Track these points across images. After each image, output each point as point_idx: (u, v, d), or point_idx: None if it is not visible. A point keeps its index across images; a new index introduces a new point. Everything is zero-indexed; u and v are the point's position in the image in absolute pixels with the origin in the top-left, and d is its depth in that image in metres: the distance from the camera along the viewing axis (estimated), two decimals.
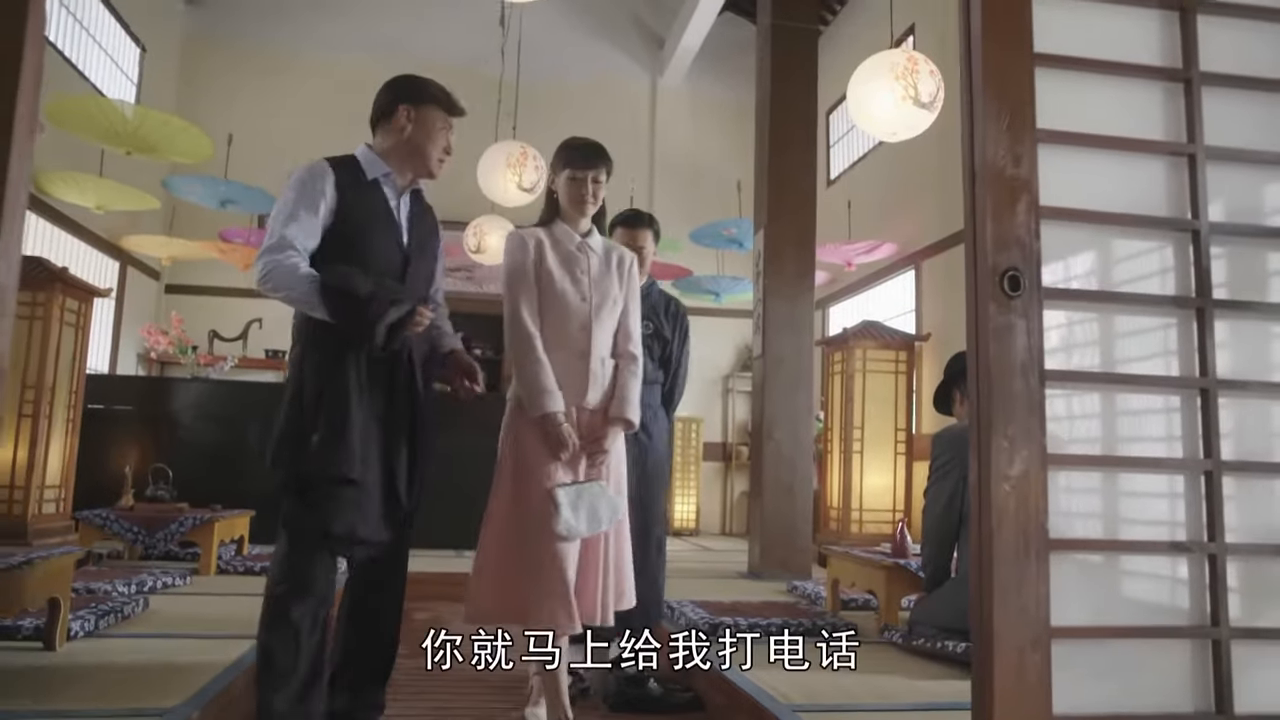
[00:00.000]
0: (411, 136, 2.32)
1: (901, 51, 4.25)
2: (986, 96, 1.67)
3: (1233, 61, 1.82)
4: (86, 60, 7.55)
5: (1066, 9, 1.77)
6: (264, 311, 8.76)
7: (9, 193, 1.34)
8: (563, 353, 2.46)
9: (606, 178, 2.61)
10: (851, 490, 6.67)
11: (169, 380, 7.63)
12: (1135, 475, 1.72)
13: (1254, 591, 1.71)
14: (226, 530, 4.99)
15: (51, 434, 5.40)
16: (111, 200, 6.83)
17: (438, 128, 2.34)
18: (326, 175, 2.23)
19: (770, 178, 5.93)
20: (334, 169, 2.25)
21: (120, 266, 8.38)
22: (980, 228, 1.65)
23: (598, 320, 2.51)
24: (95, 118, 5.79)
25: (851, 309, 8.97)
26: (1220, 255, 1.78)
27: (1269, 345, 1.79)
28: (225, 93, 9.32)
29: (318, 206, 2.19)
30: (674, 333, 3.42)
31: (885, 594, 3.74)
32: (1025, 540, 1.58)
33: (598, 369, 2.50)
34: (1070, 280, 1.73)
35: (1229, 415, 1.73)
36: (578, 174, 2.55)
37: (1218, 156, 1.78)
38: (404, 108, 2.33)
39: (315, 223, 2.19)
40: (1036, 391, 1.62)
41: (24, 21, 1.30)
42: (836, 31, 9.39)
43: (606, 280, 2.57)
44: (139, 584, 3.90)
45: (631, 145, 9.84)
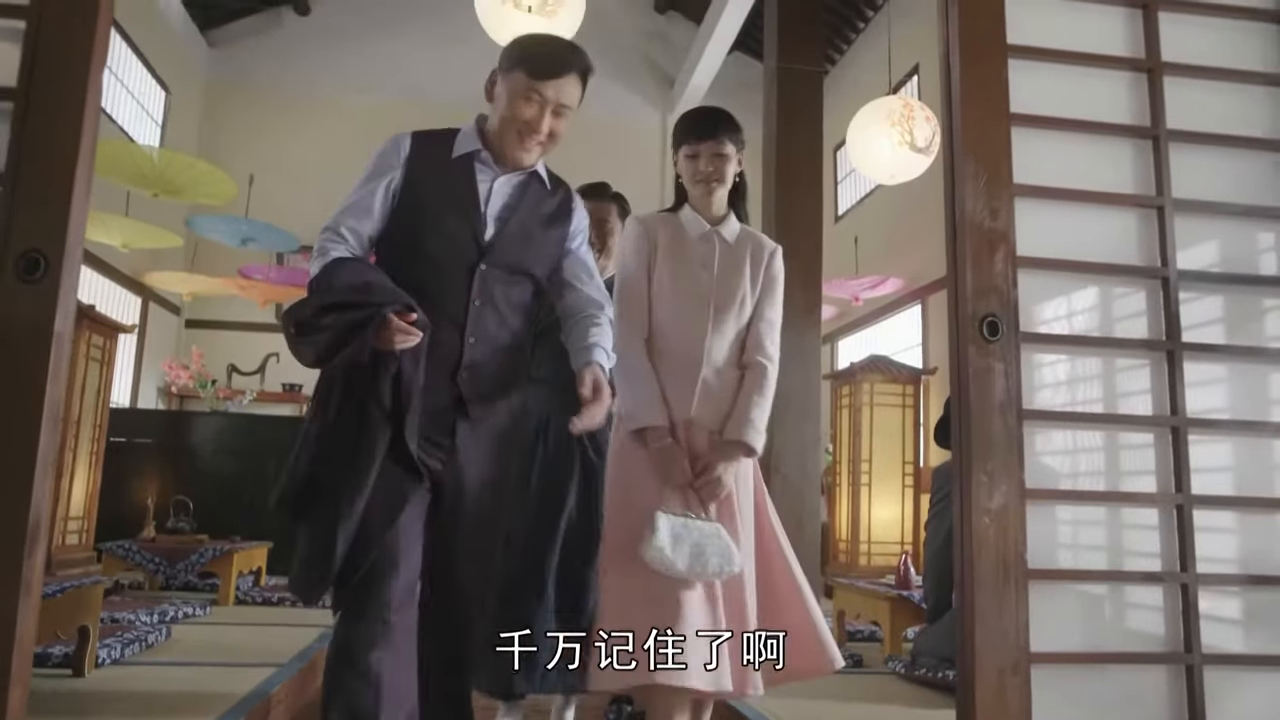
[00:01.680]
0: (499, 109, 1.87)
1: (898, 99, 4.40)
2: (965, 154, 1.80)
3: (1198, 118, 1.94)
4: (114, 102, 7.81)
5: (1040, 72, 1.90)
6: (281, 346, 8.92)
7: (69, 248, 1.47)
8: (671, 359, 2.06)
9: (736, 150, 2.16)
10: (860, 523, 6.73)
11: (189, 414, 7.78)
12: (1112, 508, 1.81)
13: (1225, 619, 1.81)
14: (245, 561, 5.10)
15: (76, 467, 5.54)
16: (136, 239, 7.03)
17: (518, 94, 1.83)
18: (400, 148, 1.86)
19: (777, 216, 6.06)
20: (414, 141, 1.87)
21: (142, 302, 8.58)
22: (960, 276, 1.77)
23: (717, 323, 2.08)
24: (124, 161, 6.00)
25: (859, 343, 9.07)
26: (1189, 300, 1.89)
27: (1235, 385, 1.89)
28: (246, 133, 9.58)
29: (380, 185, 1.82)
30: None
31: (889, 625, 3.81)
32: (1005, 569, 1.68)
33: (711, 380, 2.06)
34: (1047, 325, 1.84)
35: (1199, 451, 1.83)
36: (692, 149, 2.14)
37: (1185, 209, 1.90)
38: (494, 73, 1.92)
39: (373, 202, 1.81)
40: (1015, 430, 1.73)
41: (84, 98, 1.45)
42: (841, 74, 9.59)
43: (736, 276, 2.12)
44: (161, 614, 4.00)
45: (643, 182, 10.01)
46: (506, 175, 1.87)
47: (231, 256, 8.72)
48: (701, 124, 2.15)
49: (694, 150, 2.14)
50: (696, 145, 2.13)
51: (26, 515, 1.46)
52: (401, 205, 1.82)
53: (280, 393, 8.87)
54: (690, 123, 2.17)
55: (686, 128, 2.17)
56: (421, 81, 9.40)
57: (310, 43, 9.84)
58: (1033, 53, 1.89)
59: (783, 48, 6.24)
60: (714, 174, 2.12)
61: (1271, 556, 1.85)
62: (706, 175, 2.12)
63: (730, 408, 2.06)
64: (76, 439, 5.53)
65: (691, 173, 2.15)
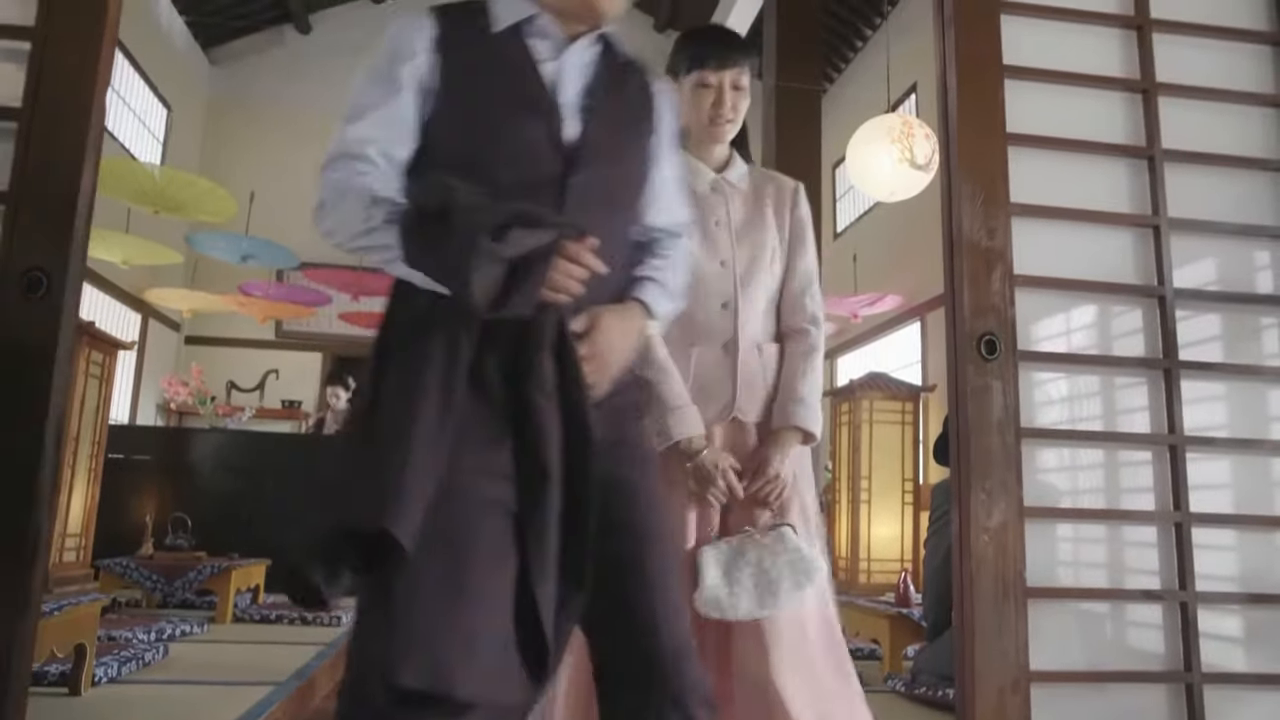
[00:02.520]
0: None
1: (898, 116, 4.43)
2: (962, 174, 1.81)
3: (1194, 138, 1.96)
4: (115, 119, 7.85)
5: (1037, 92, 1.92)
6: (281, 363, 8.97)
7: (71, 267, 1.48)
8: (698, 348, 1.67)
9: (750, 81, 1.74)
10: (860, 540, 6.72)
11: (188, 430, 7.78)
12: (1110, 525, 1.82)
13: (1225, 637, 1.81)
14: (243, 579, 5.09)
15: (74, 483, 5.53)
16: (137, 255, 7.05)
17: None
18: (419, 32, 1.26)
19: None
20: (437, 21, 1.26)
21: (142, 318, 8.60)
22: (958, 295, 1.77)
23: (746, 290, 1.69)
24: (125, 179, 6.02)
25: (859, 360, 9.08)
26: (1186, 318, 1.90)
27: (1233, 403, 1.90)
28: (247, 150, 9.62)
29: (401, 85, 1.24)
30: None
31: (889, 643, 3.80)
32: (1004, 587, 1.68)
33: (753, 363, 1.69)
34: (1045, 343, 1.85)
35: (1197, 469, 1.83)
36: (710, 77, 1.69)
37: (1181, 228, 1.91)
38: None
39: (400, 111, 1.24)
40: (1013, 448, 1.74)
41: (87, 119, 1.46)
42: (840, 91, 9.65)
43: (758, 228, 1.73)
44: (158, 631, 3.99)
45: None
46: (577, 45, 1.29)
47: (231, 273, 8.74)
48: (721, 46, 1.71)
49: (711, 79, 1.69)
50: (719, 73, 1.69)
51: (27, 533, 1.46)
52: (439, 110, 1.25)
53: (280, 409, 8.87)
54: (705, 43, 1.73)
55: (700, 49, 1.71)
56: None
57: (312, 60, 9.90)
58: (1029, 73, 1.91)
59: (781, 66, 6.29)
60: (730, 112, 1.71)
61: (1271, 574, 1.85)
62: (719, 115, 1.70)
63: (774, 390, 1.68)
64: (75, 455, 5.52)
65: (702, 108, 1.70)
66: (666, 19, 10.36)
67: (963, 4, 1.87)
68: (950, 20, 1.88)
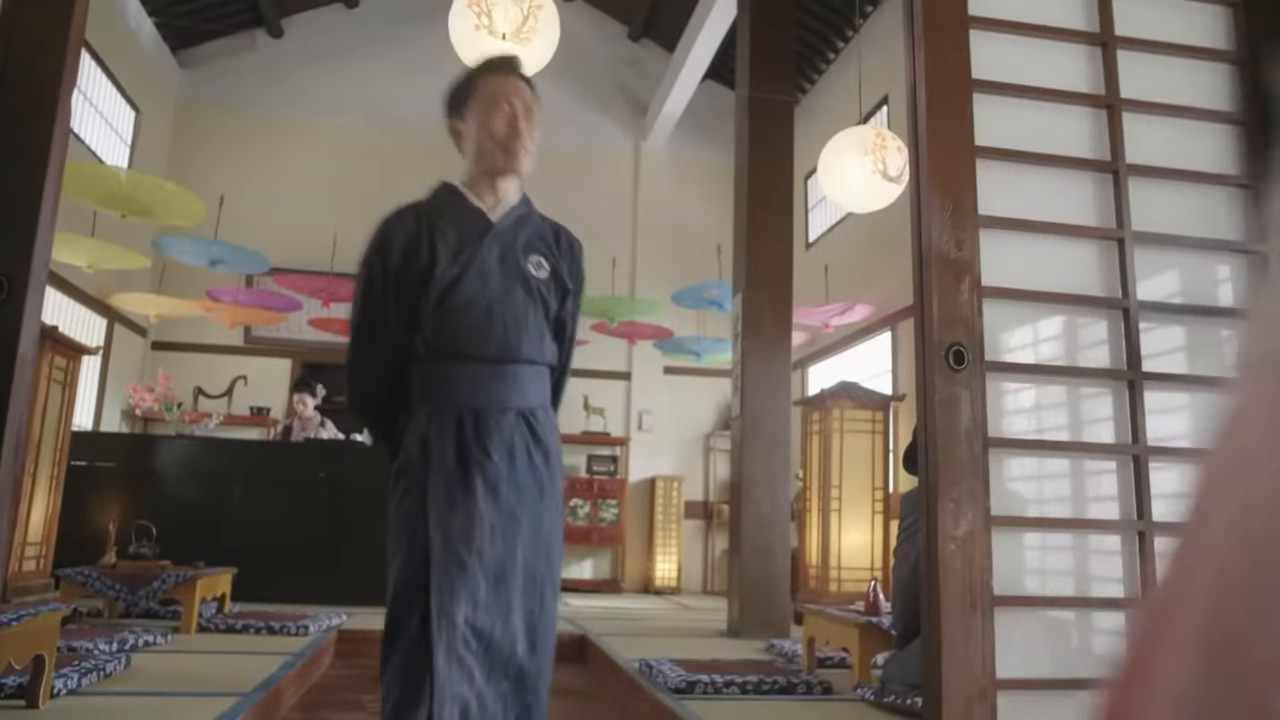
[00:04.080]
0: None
1: (870, 128, 4.47)
2: (931, 186, 1.83)
3: (1157, 152, 1.99)
4: (82, 122, 7.73)
5: (1005, 107, 1.94)
6: (249, 369, 8.87)
7: (34, 271, 1.46)
8: None
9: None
10: (830, 549, 6.75)
11: (153, 437, 7.67)
12: (1076, 534, 1.84)
13: None
14: (209, 588, 5.02)
15: (35, 491, 5.44)
16: (102, 260, 6.95)
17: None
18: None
19: (748, 243, 6.12)
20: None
21: (108, 323, 8.47)
22: (927, 306, 1.79)
23: None
24: (91, 182, 5.94)
25: (830, 369, 9.14)
26: (1149, 330, 1.93)
27: (1196, 413, 1.93)
28: (218, 154, 9.52)
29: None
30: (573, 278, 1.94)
31: (859, 651, 3.82)
32: (971, 596, 1.69)
33: None
34: (1012, 353, 1.87)
35: (1161, 477, 1.86)
36: None
37: (1144, 241, 1.94)
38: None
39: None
40: (980, 458, 1.75)
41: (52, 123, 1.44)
42: (813, 102, 9.72)
43: None
44: (120, 642, 3.92)
45: (615, 208, 10.10)
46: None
47: (200, 278, 8.63)
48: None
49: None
50: None
51: None
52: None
53: (248, 416, 8.76)
54: None
55: None
56: (394, 107, 9.41)
57: (283, 65, 9.82)
58: (997, 88, 1.94)
59: (754, 77, 6.33)
60: None
61: None
62: None
63: None
64: (36, 463, 5.43)
65: None
66: (641, 28, 10.41)
67: (932, 20, 1.89)
68: (920, 36, 1.90)
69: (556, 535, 1.78)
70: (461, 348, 1.72)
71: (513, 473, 1.70)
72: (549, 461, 1.77)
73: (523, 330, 1.75)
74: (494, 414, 1.72)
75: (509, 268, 1.78)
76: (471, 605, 1.61)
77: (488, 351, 1.73)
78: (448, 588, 1.60)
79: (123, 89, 8.50)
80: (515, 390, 1.75)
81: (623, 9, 10.37)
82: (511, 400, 1.74)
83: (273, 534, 6.44)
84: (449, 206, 1.81)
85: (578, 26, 10.13)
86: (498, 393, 1.73)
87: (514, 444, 1.71)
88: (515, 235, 1.81)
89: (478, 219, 1.80)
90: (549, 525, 1.75)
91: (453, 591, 1.59)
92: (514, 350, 1.74)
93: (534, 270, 1.81)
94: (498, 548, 1.66)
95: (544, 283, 1.81)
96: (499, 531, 1.66)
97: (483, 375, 1.74)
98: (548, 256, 1.84)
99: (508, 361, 1.75)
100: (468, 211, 1.80)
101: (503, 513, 1.67)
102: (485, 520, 1.65)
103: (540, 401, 1.80)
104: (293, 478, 6.69)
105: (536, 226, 1.86)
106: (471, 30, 4.07)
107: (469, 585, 1.61)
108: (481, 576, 1.63)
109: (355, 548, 6.48)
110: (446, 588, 1.60)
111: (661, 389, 10.04)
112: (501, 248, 1.79)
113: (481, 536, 1.64)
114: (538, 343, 1.79)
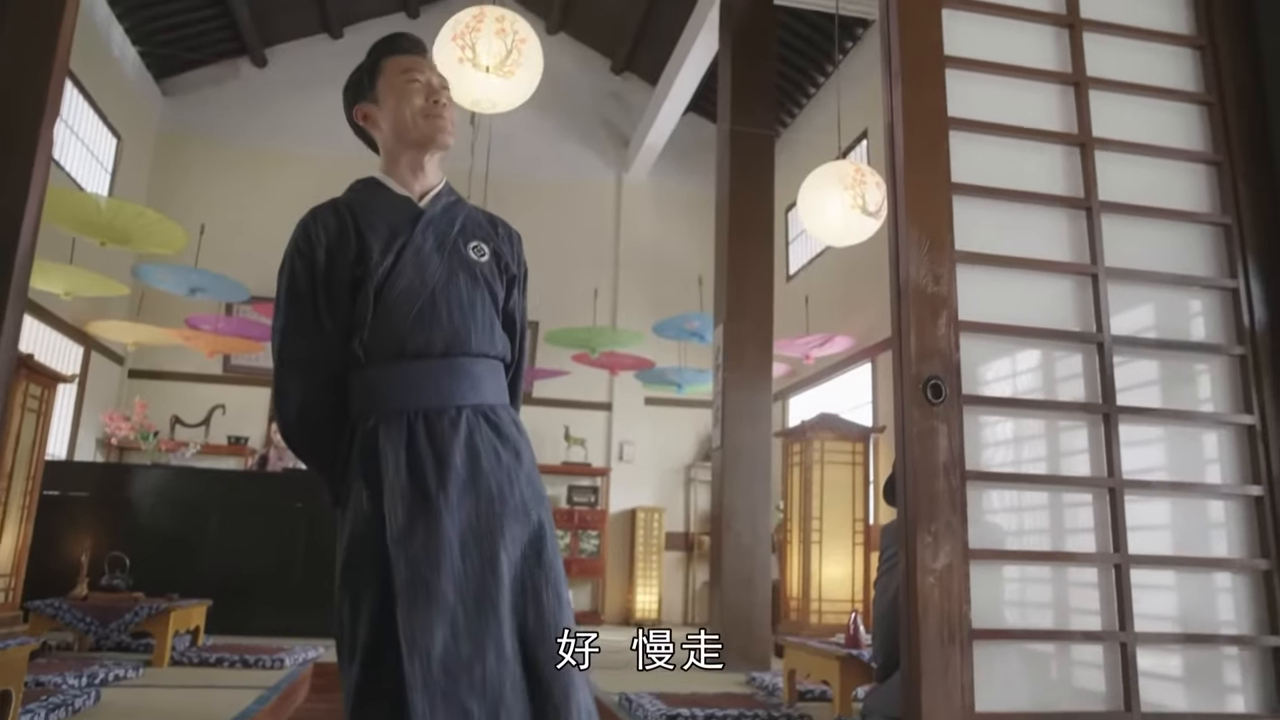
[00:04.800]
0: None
1: (850, 163, 4.53)
2: (909, 221, 1.85)
3: (1128, 191, 2.03)
4: (63, 149, 7.71)
5: (981, 144, 1.98)
6: (228, 398, 8.81)
7: (11, 299, 1.45)
8: None
9: None
10: (811, 580, 6.73)
11: (128, 466, 7.57)
12: (1053, 567, 1.85)
13: (1165, 676, 1.84)
14: (182, 620, 4.94)
15: (5, 521, 5.35)
16: (80, 287, 6.90)
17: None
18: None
19: (729, 275, 6.16)
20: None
21: (84, 351, 8.39)
22: (905, 340, 1.81)
23: None
24: (70, 209, 5.91)
25: (811, 401, 9.17)
26: (1123, 364, 1.95)
27: (1170, 446, 1.95)
28: (199, 182, 9.50)
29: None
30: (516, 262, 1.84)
31: (839, 684, 3.80)
32: (950, 629, 1.69)
33: None
34: (989, 386, 1.89)
35: (1136, 510, 1.88)
36: None
37: (1117, 276, 1.98)
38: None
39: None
40: (958, 490, 1.76)
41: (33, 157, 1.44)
42: (794, 136, 9.84)
43: None
44: (90, 676, 3.85)
45: (597, 239, 10.14)
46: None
47: (179, 306, 8.58)
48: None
49: None
50: None
51: None
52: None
53: (226, 445, 8.69)
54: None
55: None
56: None
57: (267, 94, 9.85)
58: (973, 125, 1.97)
59: (736, 111, 6.40)
60: None
61: (1208, 614, 1.89)
62: None
63: None
64: (8, 492, 5.34)
65: None
66: (624, 62, 10.52)
67: (909, 59, 1.93)
68: (897, 74, 1.93)
69: (547, 532, 1.57)
70: (404, 345, 1.56)
71: (478, 477, 1.51)
72: (520, 459, 1.59)
73: (470, 319, 1.60)
74: (448, 414, 1.53)
75: (448, 254, 1.64)
76: (450, 634, 1.41)
77: (434, 345, 1.56)
78: (418, 619, 1.41)
79: (104, 116, 8.49)
80: (470, 387, 1.57)
81: (606, 42, 10.48)
82: (466, 397, 1.56)
83: (249, 565, 6.36)
84: (372, 198, 1.71)
85: (561, 60, 10.22)
86: (449, 390, 1.55)
87: (476, 445, 1.53)
88: (450, 220, 1.69)
89: (406, 206, 1.68)
90: (535, 523, 1.56)
91: (425, 623, 1.41)
92: (463, 341, 1.58)
93: (475, 255, 1.67)
94: (473, 564, 1.46)
95: (486, 266, 1.68)
96: (470, 546, 1.47)
97: (430, 372, 1.55)
98: (487, 241, 1.72)
99: (457, 355, 1.58)
100: (394, 200, 1.69)
101: (473, 524, 1.48)
102: (452, 536, 1.46)
103: (499, 400, 1.63)
104: (269, 508, 6.62)
105: (469, 213, 1.75)
106: (455, 63, 4.10)
107: (443, 613, 1.42)
108: (457, 600, 1.43)
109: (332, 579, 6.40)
110: (416, 619, 1.41)
111: (642, 420, 10.03)
112: (436, 234, 1.66)
113: (449, 556, 1.45)
114: (488, 333, 1.63)
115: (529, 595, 1.50)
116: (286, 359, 1.60)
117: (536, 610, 1.49)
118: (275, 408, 1.62)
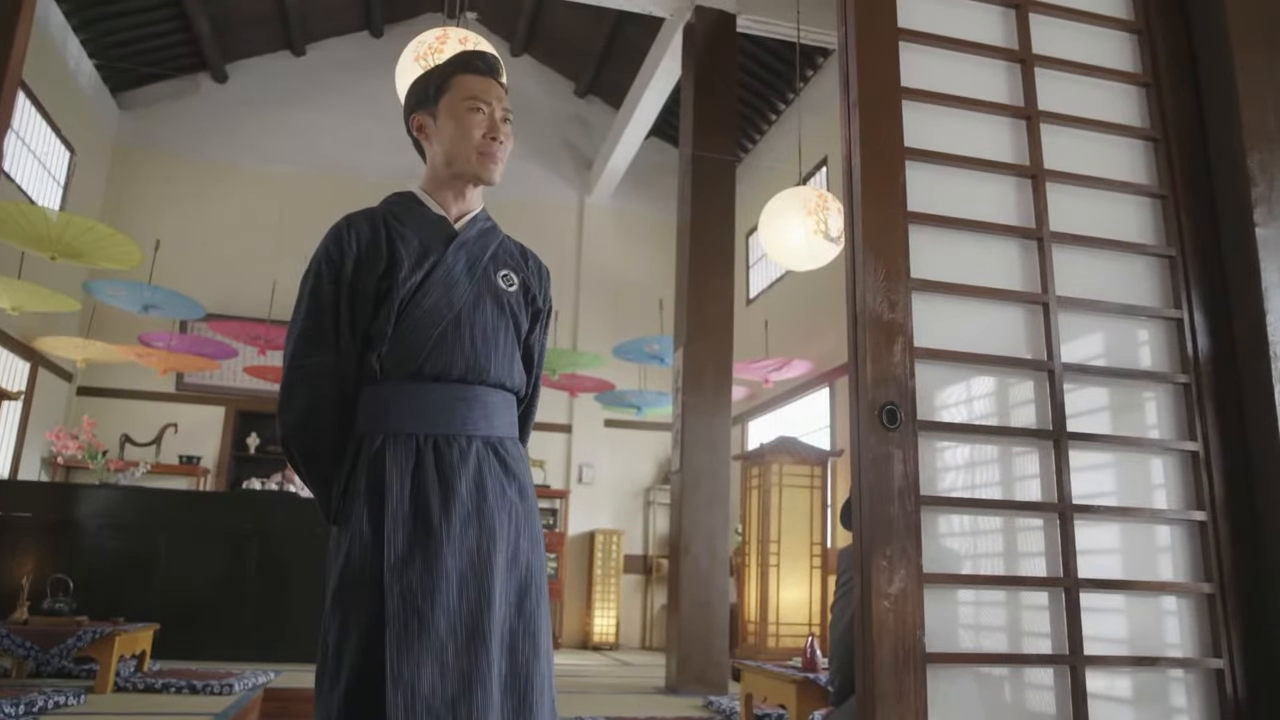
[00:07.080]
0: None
1: (812, 189, 4.59)
2: (866, 249, 1.88)
3: (1079, 222, 2.08)
4: (14, 161, 7.56)
5: (937, 174, 2.02)
6: (180, 416, 8.65)
7: None
8: None
9: None
10: (769, 604, 6.75)
11: (75, 486, 7.39)
12: (1006, 591, 1.87)
13: (1114, 698, 1.87)
14: (128, 645, 4.81)
15: None
16: (28, 302, 6.74)
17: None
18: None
19: (690, 299, 6.19)
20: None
21: (31, 367, 8.19)
22: (861, 366, 1.83)
23: None
24: (18, 223, 5.78)
25: (770, 424, 9.22)
26: (1073, 390, 1.99)
27: (1119, 471, 1.99)
28: (154, 199, 9.36)
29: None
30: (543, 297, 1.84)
31: (796, 708, 3.80)
32: (904, 653, 1.71)
33: None
34: (944, 412, 1.92)
35: (1087, 534, 1.91)
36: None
37: (1068, 305, 2.02)
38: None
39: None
40: (913, 515, 1.78)
41: None
42: (755, 162, 9.95)
43: None
44: (28, 704, 3.74)
45: (559, 261, 10.14)
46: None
47: (132, 323, 8.42)
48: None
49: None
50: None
51: None
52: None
53: (177, 465, 8.51)
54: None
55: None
56: (339, 155, 9.39)
57: (226, 111, 9.75)
58: (929, 156, 2.01)
59: (698, 136, 6.47)
60: None
61: (1155, 637, 1.93)
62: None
63: None
64: None
65: None
66: (587, 85, 10.58)
67: (866, 90, 1.97)
68: (855, 104, 1.97)
69: (541, 577, 1.56)
70: (423, 365, 1.54)
71: (483, 510, 1.50)
72: (524, 496, 1.59)
73: (492, 348, 1.60)
74: (458, 443, 1.53)
75: (477, 279, 1.64)
76: (438, 670, 1.38)
77: (453, 369, 1.55)
78: (407, 651, 1.38)
79: (58, 129, 8.34)
80: (483, 416, 1.57)
81: (570, 66, 10.54)
82: (478, 427, 1.56)
83: (198, 587, 6.23)
84: (408, 213, 1.69)
85: (525, 82, 10.27)
86: (463, 418, 1.55)
87: (483, 477, 1.53)
88: (483, 246, 1.68)
89: (441, 226, 1.68)
90: (532, 566, 1.55)
91: (413, 657, 1.38)
92: (482, 370, 1.58)
93: (504, 284, 1.67)
94: (469, 599, 1.44)
95: (514, 296, 1.67)
96: (469, 582, 1.45)
97: (445, 397, 1.54)
98: (517, 271, 1.72)
99: (474, 383, 1.57)
100: (430, 218, 1.68)
101: (473, 560, 1.47)
102: (451, 569, 1.44)
103: (509, 433, 1.63)
104: (221, 529, 6.50)
105: (503, 241, 1.75)
106: None
107: (433, 647, 1.39)
108: (449, 635, 1.41)
109: (285, 602, 6.29)
110: (405, 652, 1.38)
111: (602, 442, 10.02)
112: (468, 258, 1.65)
113: (445, 590, 1.43)
114: (508, 364, 1.63)
115: (528, 637, 1.51)
116: (298, 365, 1.58)
117: (534, 652, 1.50)
118: (278, 411, 1.59)
